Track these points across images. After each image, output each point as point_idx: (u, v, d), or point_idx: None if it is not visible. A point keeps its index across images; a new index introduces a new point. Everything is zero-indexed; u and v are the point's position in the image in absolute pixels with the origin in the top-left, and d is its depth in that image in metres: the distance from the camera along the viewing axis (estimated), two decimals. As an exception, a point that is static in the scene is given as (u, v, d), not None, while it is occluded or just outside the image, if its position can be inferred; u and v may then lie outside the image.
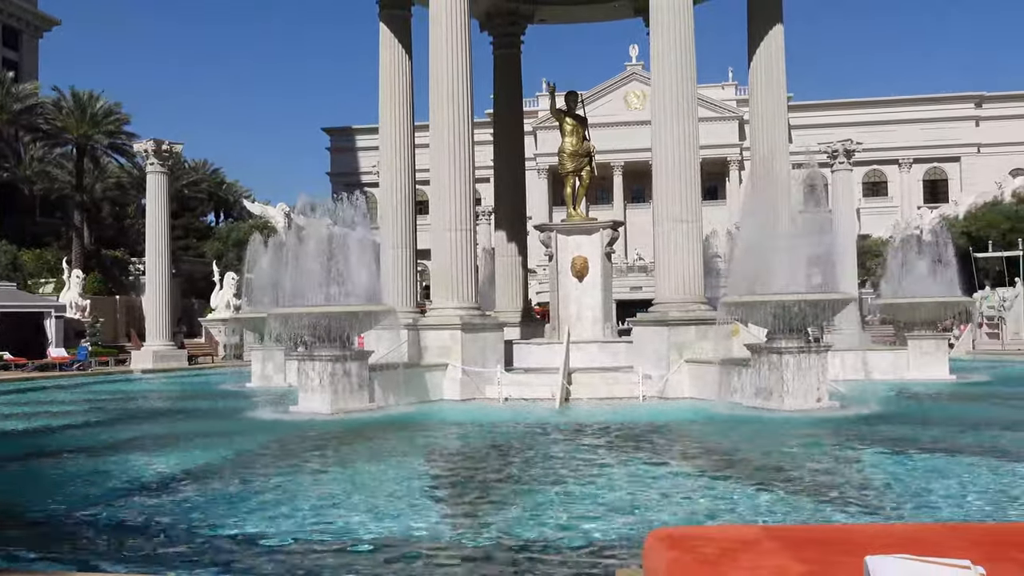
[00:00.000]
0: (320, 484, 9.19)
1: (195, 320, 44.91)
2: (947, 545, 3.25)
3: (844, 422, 13.74)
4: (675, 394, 17.86)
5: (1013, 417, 14.19)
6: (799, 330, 15.48)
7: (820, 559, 3.19)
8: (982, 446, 10.91)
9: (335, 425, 14.79)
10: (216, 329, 40.11)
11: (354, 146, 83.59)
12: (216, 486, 9.14)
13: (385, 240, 23.01)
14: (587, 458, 10.75)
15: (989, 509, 7.45)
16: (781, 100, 23.55)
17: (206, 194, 66.83)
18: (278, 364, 23.73)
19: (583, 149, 22.93)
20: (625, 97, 76.66)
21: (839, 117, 74.64)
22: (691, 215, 18.98)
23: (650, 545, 3.59)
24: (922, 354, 22.42)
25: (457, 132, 19.48)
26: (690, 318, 18.32)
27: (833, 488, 8.47)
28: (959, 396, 18.39)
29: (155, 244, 33.34)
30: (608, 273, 22.36)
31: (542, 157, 73.63)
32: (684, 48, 19.13)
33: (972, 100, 78.05)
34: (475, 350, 18.86)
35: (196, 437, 13.28)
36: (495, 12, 26.77)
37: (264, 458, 11.18)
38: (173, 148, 33.91)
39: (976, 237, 45.95)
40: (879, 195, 78.12)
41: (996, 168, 69.77)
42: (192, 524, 7.42)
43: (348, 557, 6.33)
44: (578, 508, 7.79)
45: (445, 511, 7.83)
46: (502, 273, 27.34)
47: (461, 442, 12.86)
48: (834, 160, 34.25)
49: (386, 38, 23.56)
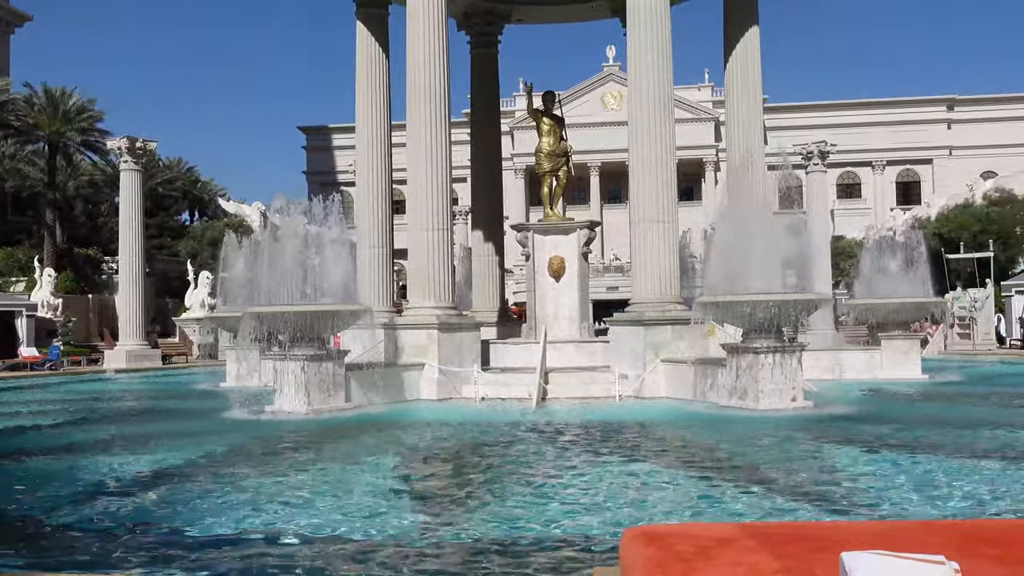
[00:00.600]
0: (292, 484, 9.11)
1: (169, 319, 44.51)
2: (921, 541, 3.27)
3: (819, 421, 13.85)
4: (651, 394, 17.92)
5: (984, 416, 14.37)
6: (774, 330, 15.59)
7: (796, 556, 3.21)
8: (956, 445, 11.02)
9: (311, 425, 14.71)
10: (190, 328, 39.76)
11: (330, 145, 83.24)
12: (187, 487, 9.04)
13: (361, 239, 22.90)
14: (563, 457, 10.76)
15: (961, 506, 7.54)
16: (757, 102, 23.71)
17: (181, 192, 66.26)
18: (253, 364, 23.56)
19: (560, 149, 22.95)
20: (602, 98, 76.91)
21: (814, 119, 75.30)
22: (667, 215, 19.06)
23: (626, 543, 3.59)
24: (895, 354, 22.64)
25: (434, 131, 19.44)
26: (666, 318, 18.39)
27: (808, 486, 8.53)
28: (931, 396, 18.59)
29: (128, 243, 32.98)
30: (585, 273, 22.40)
31: (519, 157, 73.70)
32: (661, 49, 19.20)
33: (944, 103, 79.04)
34: (452, 350, 18.84)
35: (169, 437, 13.14)
36: (472, 11, 26.74)
37: (237, 458, 11.08)
38: (147, 146, 33.58)
39: (948, 239, 46.51)
40: (853, 197, 78.93)
41: (968, 171, 70.73)
42: (159, 524, 7.35)
43: (318, 558, 6.28)
44: (554, 507, 7.79)
45: (418, 511, 7.79)
46: (479, 273, 27.32)
47: (436, 442, 12.82)
48: (809, 162, 34.52)
49: (363, 37, 23.46)
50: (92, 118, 51.56)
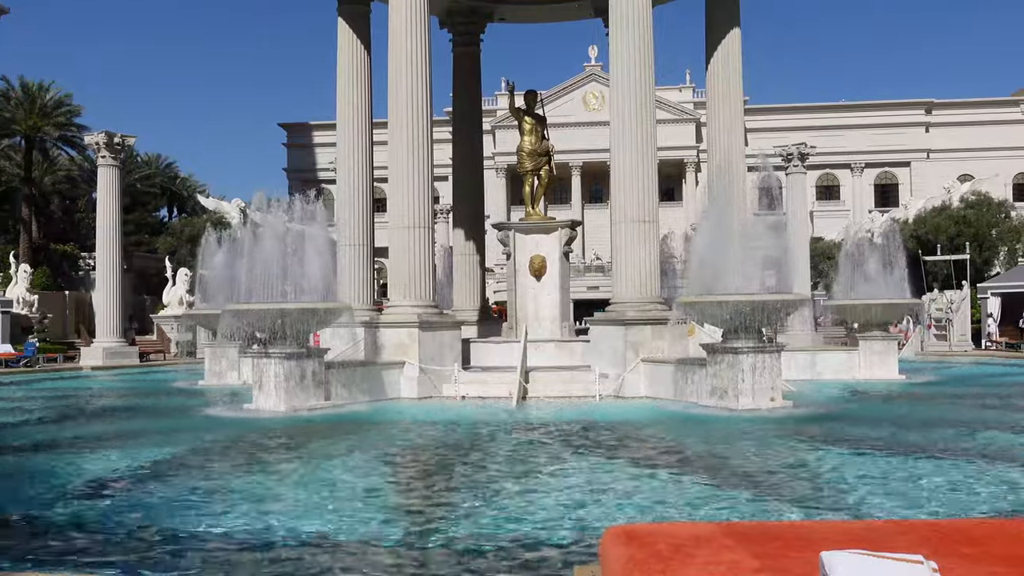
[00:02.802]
0: (268, 483, 9.05)
1: (147, 317, 44.16)
2: (898, 540, 3.29)
3: (797, 421, 13.92)
4: (631, 393, 17.96)
5: (959, 416, 14.49)
6: (754, 330, 15.66)
7: (775, 554, 3.22)
8: (933, 445, 11.11)
9: (290, 423, 14.63)
10: (168, 326, 39.46)
11: (311, 142, 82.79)
12: (161, 485, 8.97)
13: (342, 237, 22.83)
14: (543, 457, 10.76)
15: (938, 505, 7.60)
16: (738, 103, 23.82)
17: (159, 188, 65.80)
18: (232, 361, 23.43)
19: (542, 148, 22.95)
20: (584, 98, 76.96)
21: (794, 121, 75.71)
22: (648, 215, 19.10)
23: (607, 542, 3.59)
24: (872, 354, 22.80)
25: (416, 129, 19.39)
26: (647, 317, 18.43)
27: (786, 486, 8.58)
28: (908, 396, 18.74)
29: (106, 239, 32.67)
30: (566, 272, 22.42)
31: (500, 156, 73.63)
32: (643, 49, 19.24)
33: (922, 107, 79.70)
34: (432, 348, 18.80)
35: (145, 435, 13.04)
36: (455, 10, 26.69)
37: (213, 457, 10.99)
38: (126, 141, 33.30)
39: (925, 240, 46.93)
40: (832, 198, 79.43)
41: (945, 173, 71.33)
42: (132, 523, 7.28)
43: (293, 558, 6.24)
44: (534, 506, 7.78)
45: (396, 510, 7.77)
46: (460, 272, 27.27)
47: (415, 440, 12.79)
48: (789, 163, 34.77)
49: (345, 34, 23.35)
50: (70, 112, 51.11)
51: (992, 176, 68.03)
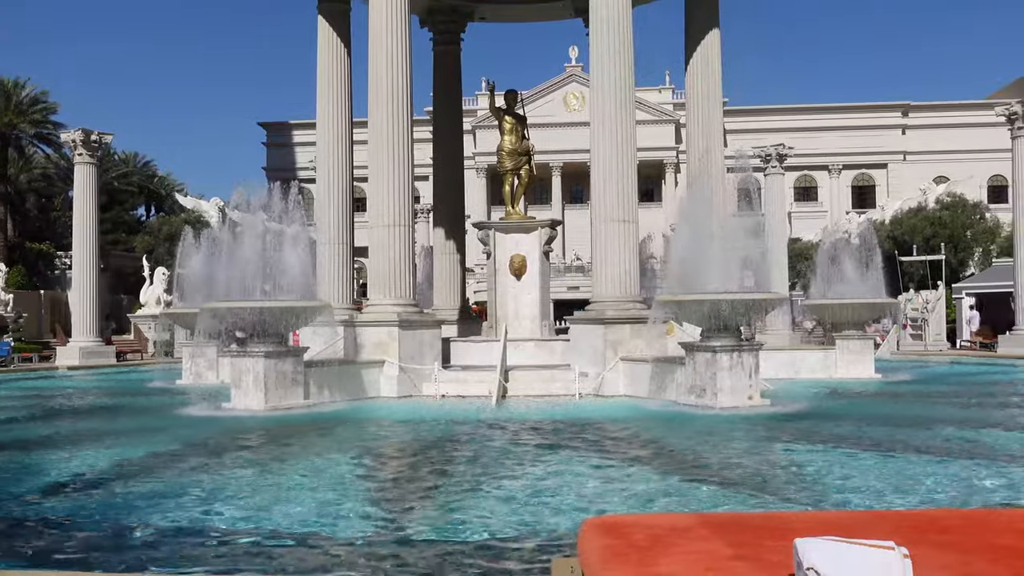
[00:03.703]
0: (245, 482, 9.01)
1: (124, 316, 43.81)
2: (871, 529, 3.35)
3: (775, 419, 14.04)
4: (611, 392, 18.04)
5: (934, 414, 14.68)
6: (732, 329, 15.78)
7: (751, 543, 3.27)
8: (907, 442, 11.25)
9: (268, 422, 14.59)
10: (146, 325, 39.16)
11: (291, 141, 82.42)
12: (137, 484, 8.91)
13: (321, 236, 22.77)
14: (522, 454, 10.80)
15: (911, 498, 7.71)
16: (717, 104, 23.97)
17: (137, 187, 65.29)
18: (210, 361, 23.32)
19: (522, 148, 23.00)
20: (564, 98, 77.14)
21: (772, 123, 76.23)
22: (628, 215, 19.19)
23: (584, 533, 3.62)
24: (849, 354, 23.00)
25: (396, 128, 19.38)
26: (626, 317, 18.52)
27: (763, 480, 8.68)
28: (884, 394, 18.94)
29: (82, 237, 32.39)
30: (546, 272, 22.47)
31: (481, 156, 73.64)
32: (623, 50, 19.32)
33: (899, 109, 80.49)
34: (412, 347, 18.80)
35: (122, 435, 12.95)
36: (435, 8, 26.69)
37: (191, 456, 10.93)
38: (103, 139, 33.02)
39: (901, 241, 47.40)
40: (810, 200, 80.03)
41: (921, 175, 72.02)
42: (104, 520, 7.26)
43: (268, 557, 6.24)
44: (513, 502, 7.82)
45: (374, 509, 7.76)
46: (440, 271, 27.28)
47: (394, 439, 12.80)
48: (767, 165, 35.03)
49: (324, 32, 23.30)
50: (46, 110, 50.65)
51: (967, 178, 68.78)
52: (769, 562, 3.06)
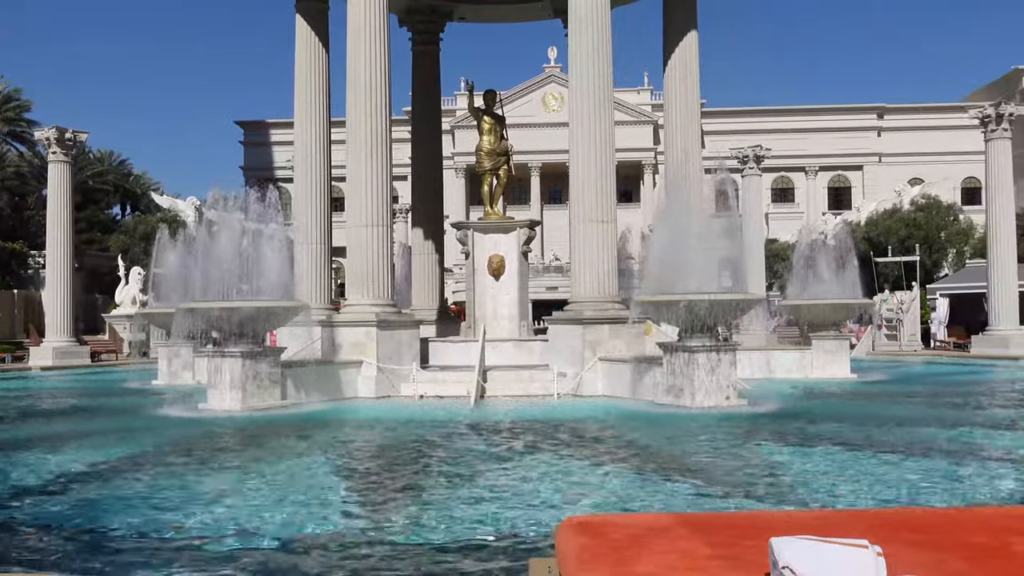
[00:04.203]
0: (220, 483, 8.95)
1: (98, 316, 43.37)
2: (846, 528, 3.37)
3: (752, 418, 14.12)
4: (589, 392, 18.07)
5: (907, 414, 14.84)
6: (709, 329, 15.85)
7: (727, 543, 3.28)
8: (881, 441, 11.35)
9: (244, 423, 14.50)
10: (121, 325, 38.79)
11: (268, 140, 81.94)
12: (109, 487, 8.81)
13: (299, 236, 22.64)
14: (499, 455, 10.79)
15: (885, 496, 7.78)
16: (695, 105, 24.08)
17: (112, 186, 64.61)
18: (186, 361, 23.15)
19: (501, 148, 23.01)
20: (543, 99, 77.22)
21: (750, 124, 76.73)
22: (607, 216, 19.24)
23: (562, 533, 3.62)
24: (825, 354, 23.17)
25: (374, 127, 19.32)
26: (604, 317, 18.57)
27: (739, 479, 8.72)
28: (859, 394, 19.09)
29: (57, 237, 32.05)
30: (525, 272, 22.49)
31: (460, 156, 73.60)
32: (602, 50, 19.37)
33: (874, 111, 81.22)
34: (391, 347, 18.74)
35: (97, 436, 12.81)
36: (414, 8, 26.64)
37: (165, 457, 10.83)
38: (77, 137, 32.68)
39: (876, 243, 47.83)
40: (786, 201, 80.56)
41: (896, 177, 72.74)
42: (77, 523, 7.18)
43: (241, 560, 6.19)
44: (491, 502, 7.81)
45: (350, 510, 7.73)
46: (419, 271, 27.23)
47: (372, 439, 12.75)
48: (744, 166, 35.26)
49: (302, 31, 23.18)
50: (19, 107, 50.08)
51: (941, 180, 69.57)
52: (746, 561, 3.07)
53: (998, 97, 37.95)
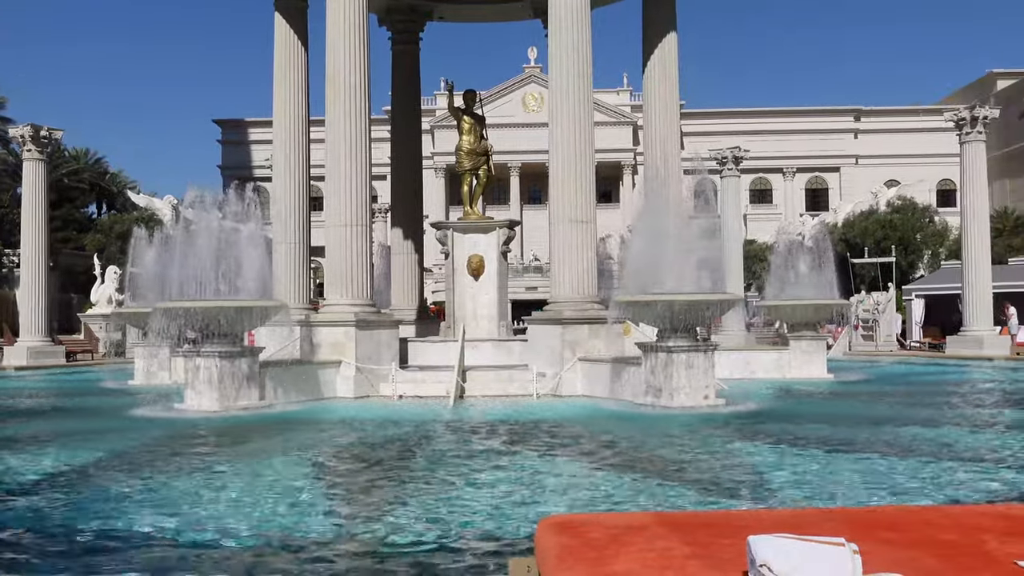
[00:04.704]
0: (196, 483, 8.89)
1: (74, 315, 42.94)
2: (822, 526, 3.42)
3: (730, 418, 14.21)
4: (568, 392, 18.11)
5: (883, 413, 14.98)
6: (688, 329, 15.93)
7: (706, 541, 3.31)
8: (857, 440, 11.45)
9: (222, 423, 14.42)
10: (97, 325, 38.42)
11: (247, 139, 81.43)
12: (83, 488, 8.73)
13: (278, 236, 22.57)
14: (479, 454, 10.80)
15: (860, 495, 7.86)
16: (674, 106, 24.18)
17: (88, 184, 63.92)
18: (163, 361, 22.98)
19: (481, 148, 23.02)
20: (523, 99, 77.22)
21: (728, 126, 77.12)
22: (586, 216, 19.29)
23: (541, 532, 3.64)
24: (802, 354, 23.34)
25: (353, 127, 19.26)
26: (584, 317, 18.61)
27: (717, 478, 8.78)
28: (836, 394, 19.25)
29: (31, 235, 31.72)
30: (504, 272, 22.50)
31: (439, 156, 73.50)
32: (581, 51, 19.42)
33: (851, 113, 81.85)
34: (370, 347, 18.69)
35: (73, 436, 12.70)
36: (394, 8, 26.59)
37: (143, 457, 10.75)
38: (52, 134, 32.35)
39: (853, 244, 48.24)
40: (765, 202, 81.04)
41: (872, 179, 73.37)
42: (53, 524, 7.12)
43: (215, 561, 6.16)
44: (470, 502, 7.82)
45: (329, 510, 7.70)
46: (398, 271, 27.18)
47: (351, 440, 12.70)
48: (723, 167, 35.42)
49: (281, 29, 23.09)
50: (-7, 105, 49.39)
51: (917, 182, 70.26)
52: (723, 559, 3.10)
53: (973, 100, 38.35)
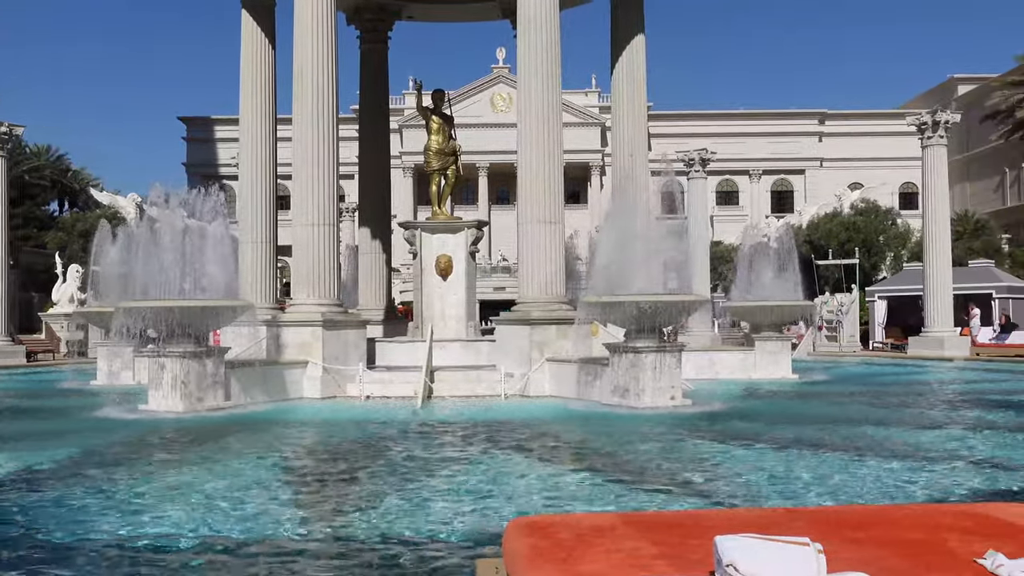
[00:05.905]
0: (160, 486, 8.77)
1: (35, 315, 42.23)
2: (788, 526, 3.45)
3: (696, 418, 14.31)
4: (536, 392, 18.13)
5: (845, 413, 15.17)
6: (655, 330, 16.02)
7: (672, 542, 3.33)
8: (821, 440, 11.57)
9: (186, 424, 14.23)
10: (58, 324, 37.83)
11: (212, 137, 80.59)
12: (44, 490, 8.58)
13: (244, 235, 22.36)
14: (446, 455, 10.77)
15: (824, 494, 7.95)
16: (642, 108, 24.33)
17: (49, 181, 62.98)
18: (126, 361, 22.66)
19: (449, 148, 22.98)
20: (491, 99, 77.25)
21: (695, 127, 77.72)
22: (554, 217, 19.33)
23: (509, 533, 3.64)
24: (767, 355, 23.57)
25: (321, 125, 19.14)
26: (552, 317, 18.65)
27: (684, 478, 8.83)
28: (800, 394, 19.46)
29: (-10, 233, 31.18)
30: (472, 272, 22.48)
31: (408, 155, 73.34)
32: (550, 52, 19.45)
33: (816, 116, 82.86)
34: (337, 348, 18.58)
35: (31, 438, 12.48)
36: (363, 7, 26.46)
37: (102, 460, 10.55)
38: (13, 131, 31.84)
39: (817, 245, 48.79)
40: (731, 204, 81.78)
41: (837, 181, 74.26)
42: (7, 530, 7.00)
43: (178, 563, 6.10)
44: (437, 503, 7.79)
45: (293, 512, 7.64)
46: (366, 271, 27.05)
47: (316, 441, 12.62)
48: (690, 169, 35.71)
49: (248, 27, 22.88)
50: (-49, 100, 48.39)
51: (880, 185, 71.18)
52: (690, 560, 3.12)
53: (935, 105, 38.99)
